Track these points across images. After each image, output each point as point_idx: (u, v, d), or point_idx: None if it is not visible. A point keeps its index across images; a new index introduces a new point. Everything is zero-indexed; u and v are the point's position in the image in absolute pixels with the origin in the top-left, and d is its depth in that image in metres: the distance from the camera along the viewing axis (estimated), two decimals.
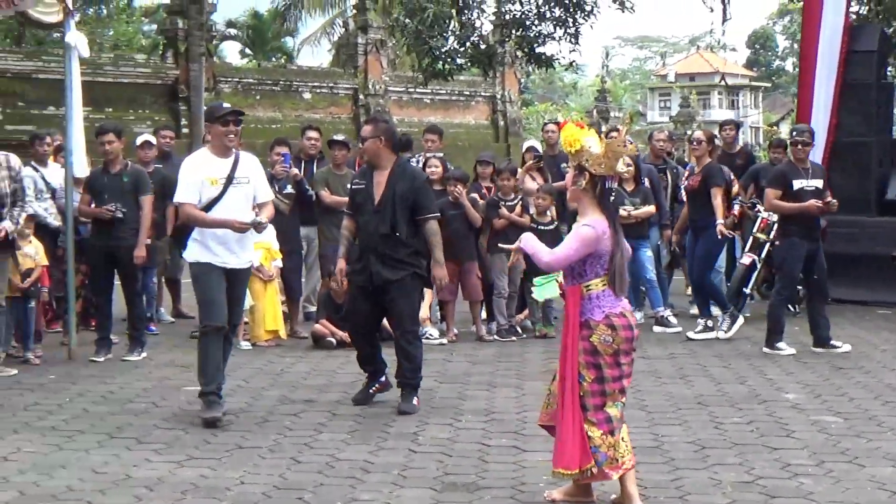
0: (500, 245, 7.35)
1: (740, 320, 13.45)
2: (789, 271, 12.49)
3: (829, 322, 12.61)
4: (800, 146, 12.43)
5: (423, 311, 13.18)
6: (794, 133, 12.71)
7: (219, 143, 9.23)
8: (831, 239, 14.85)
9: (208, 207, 9.14)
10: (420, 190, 9.68)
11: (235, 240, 9.19)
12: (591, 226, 6.51)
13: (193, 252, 9.25)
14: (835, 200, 12.56)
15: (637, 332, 6.62)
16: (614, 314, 6.47)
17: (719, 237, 13.49)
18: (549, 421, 6.83)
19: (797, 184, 12.35)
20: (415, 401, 9.56)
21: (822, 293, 12.68)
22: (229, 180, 9.16)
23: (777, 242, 12.88)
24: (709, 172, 13.46)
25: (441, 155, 14.56)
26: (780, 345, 12.36)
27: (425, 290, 13.45)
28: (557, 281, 6.87)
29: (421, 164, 14.34)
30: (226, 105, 9.63)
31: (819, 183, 12.42)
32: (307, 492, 7.17)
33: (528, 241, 6.81)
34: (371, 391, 9.86)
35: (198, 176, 9.17)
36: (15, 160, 11.25)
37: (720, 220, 13.32)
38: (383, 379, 9.93)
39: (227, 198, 9.15)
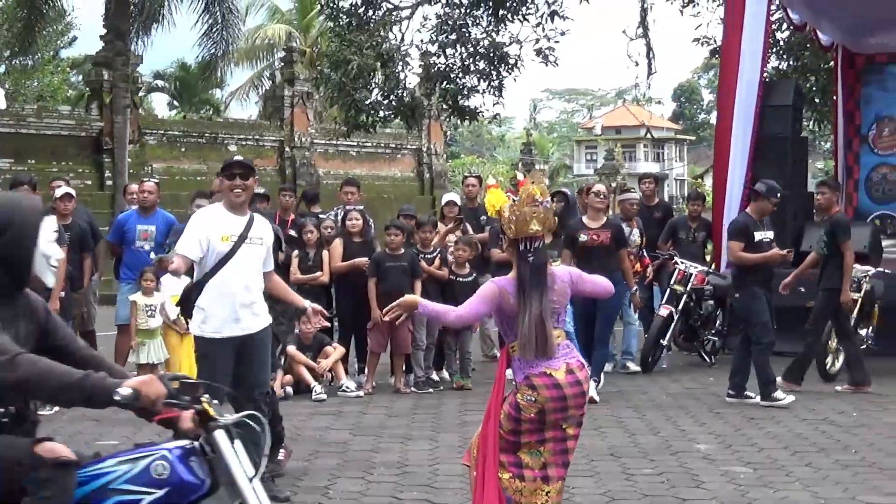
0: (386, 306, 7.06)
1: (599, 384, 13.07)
2: (761, 320, 12.45)
3: (749, 374, 12.71)
4: (776, 206, 12.76)
5: (339, 365, 13.23)
6: (778, 194, 12.73)
7: (226, 198, 8.53)
8: None
9: (219, 266, 8.36)
10: None
11: (242, 304, 8.41)
12: (493, 281, 6.56)
13: (198, 326, 8.46)
14: (790, 249, 13.03)
15: (574, 391, 6.35)
16: (534, 374, 6.33)
17: (635, 307, 13.77)
18: (471, 462, 6.76)
19: (758, 235, 12.54)
20: (281, 455, 9.22)
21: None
22: (242, 238, 8.43)
23: (737, 295, 12.83)
24: (618, 231, 13.36)
25: (361, 208, 14.61)
26: (778, 394, 12.40)
27: (337, 344, 13.53)
28: None
29: (341, 218, 14.37)
30: (237, 157, 8.81)
31: (772, 234, 12.71)
32: None
33: (425, 306, 6.75)
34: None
35: (205, 231, 8.39)
36: None
37: (634, 288, 13.48)
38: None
39: (239, 256, 8.39)
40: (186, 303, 8.55)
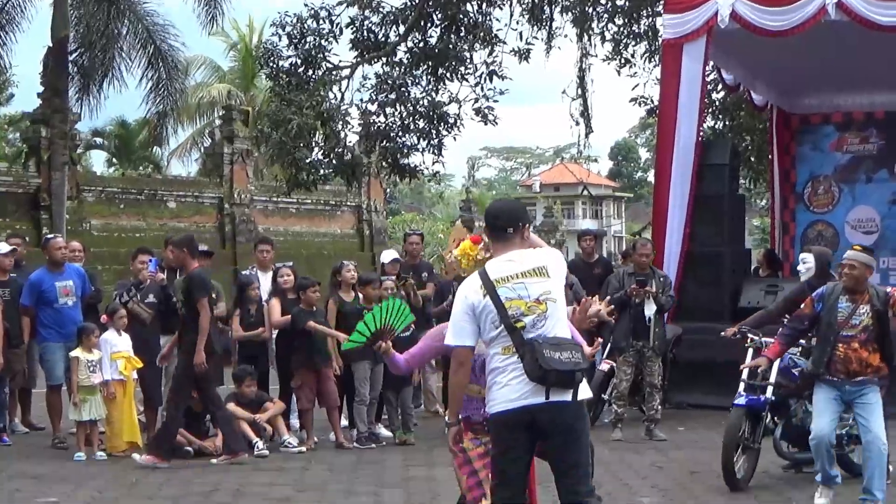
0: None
1: None
2: None
3: None
4: None
5: (280, 420, 13.18)
6: None
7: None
8: (687, 346, 15.13)
9: None
10: None
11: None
12: None
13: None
14: None
15: None
16: None
17: None
18: None
19: None
20: None
21: None
22: None
23: None
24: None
25: (291, 263, 14.59)
26: None
27: (278, 399, 13.49)
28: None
29: (271, 274, 14.34)
30: None
31: None
32: None
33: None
34: None
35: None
36: None
37: None
38: None
39: None
40: None
